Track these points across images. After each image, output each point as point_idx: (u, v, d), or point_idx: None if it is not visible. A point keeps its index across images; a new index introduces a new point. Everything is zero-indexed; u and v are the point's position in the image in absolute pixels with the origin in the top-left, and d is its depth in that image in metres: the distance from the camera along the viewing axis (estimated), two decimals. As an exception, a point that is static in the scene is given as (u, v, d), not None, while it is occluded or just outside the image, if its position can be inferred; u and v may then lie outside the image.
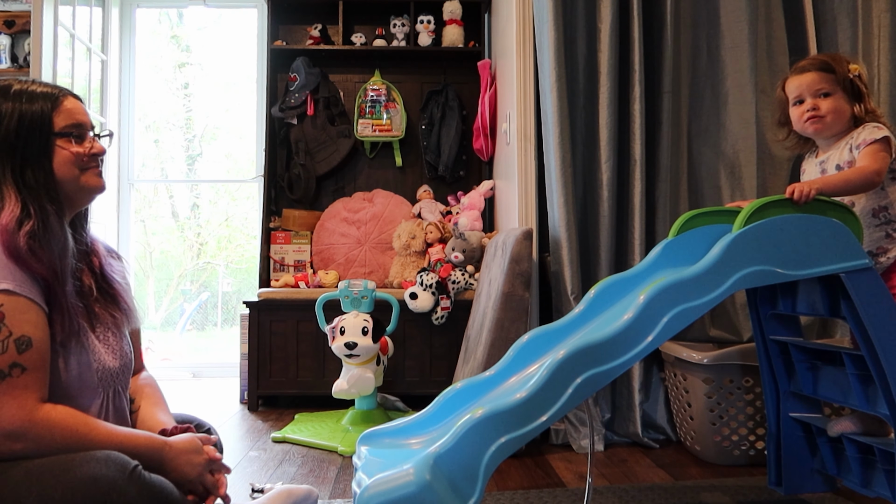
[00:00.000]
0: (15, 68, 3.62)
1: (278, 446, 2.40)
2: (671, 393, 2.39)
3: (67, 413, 1.10)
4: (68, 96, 1.24)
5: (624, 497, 1.84)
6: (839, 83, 1.63)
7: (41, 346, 1.08)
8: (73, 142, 1.21)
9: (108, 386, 1.24)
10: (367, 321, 2.54)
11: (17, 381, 1.05)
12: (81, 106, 1.25)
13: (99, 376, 1.21)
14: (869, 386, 1.45)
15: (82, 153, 1.21)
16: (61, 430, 1.07)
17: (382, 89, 3.51)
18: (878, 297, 1.41)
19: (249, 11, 4.01)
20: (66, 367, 1.14)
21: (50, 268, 1.11)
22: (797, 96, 1.68)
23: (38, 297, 1.10)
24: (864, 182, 1.52)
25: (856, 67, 1.63)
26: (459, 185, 3.54)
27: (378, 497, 1.12)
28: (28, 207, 1.13)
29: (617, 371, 1.29)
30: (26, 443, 1.04)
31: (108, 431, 1.13)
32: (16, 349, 1.05)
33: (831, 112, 1.63)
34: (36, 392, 1.07)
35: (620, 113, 2.50)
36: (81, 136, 1.23)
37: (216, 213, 6.06)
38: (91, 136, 1.25)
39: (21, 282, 1.08)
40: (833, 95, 1.63)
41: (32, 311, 1.08)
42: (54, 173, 1.18)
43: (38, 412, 1.06)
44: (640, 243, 2.45)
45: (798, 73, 1.68)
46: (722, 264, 1.36)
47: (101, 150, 1.25)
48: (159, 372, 3.91)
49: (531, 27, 2.58)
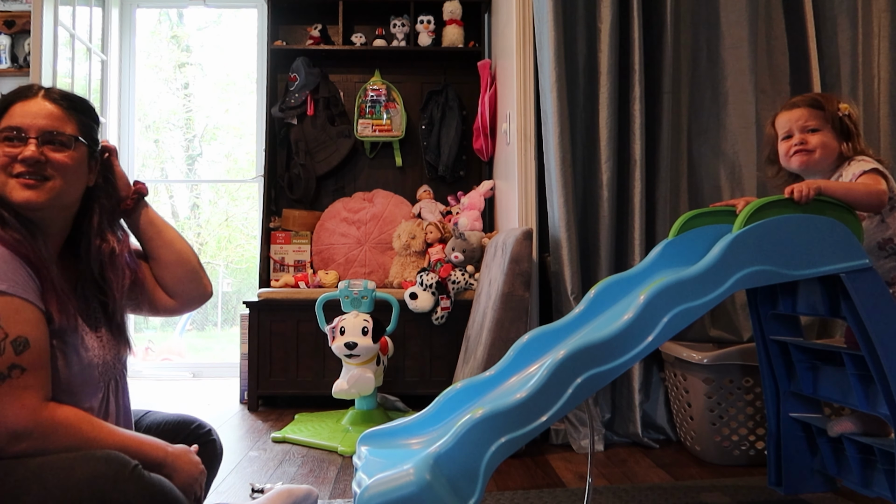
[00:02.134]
0: (15, 68, 3.62)
1: (278, 446, 2.40)
2: (671, 393, 2.39)
3: (72, 412, 1.10)
4: (32, 98, 1.16)
5: (624, 497, 1.84)
6: (828, 120, 1.63)
7: (39, 345, 1.07)
8: (6, 145, 1.13)
9: (108, 378, 1.23)
10: (367, 321, 2.54)
11: (17, 382, 1.04)
12: (46, 109, 1.15)
13: (101, 371, 1.21)
14: (869, 386, 1.45)
15: (11, 155, 1.12)
16: (66, 429, 1.07)
17: (382, 89, 3.51)
18: (878, 297, 1.41)
19: (249, 11, 4.01)
20: (66, 364, 1.14)
21: (33, 251, 1.10)
22: (786, 131, 1.69)
23: (32, 296, 1.08)
24: (867, 196, 1.50)
25: (845, 107, 1.64)
26: (459, 185, 3.54)
27: (378, 497, 1.12)
28: None
29: (617, 371, 1.29)
30: (31, 442, 1.04)
31: (111, 432, 1.13)
32: (13, 350, 1.04)
33: (819, 147, 1.63)
34: (39, 391, 1.06)
35: (620, 113, 2.50)
36: (19, 139, 1.13)
37: (216, 213, 6.06)
38: (36, 140, 1.13)
39: (13, 281, 1.06)
40: (821, 131, 1.64)
41: (28, 311, 1.07)
42: None
43: (42, 411, 1.05)
44: (640, 243, 2.46)
45: (788, 109, 1.70)
46: (722, 264, 1.36)
47: (28, 155, 1.11)
48: (159, 372, 3.91)
49: (531, 27, 2.58)
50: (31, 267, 1.09)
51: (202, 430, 1.42)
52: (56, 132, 1.15)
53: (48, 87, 1.21)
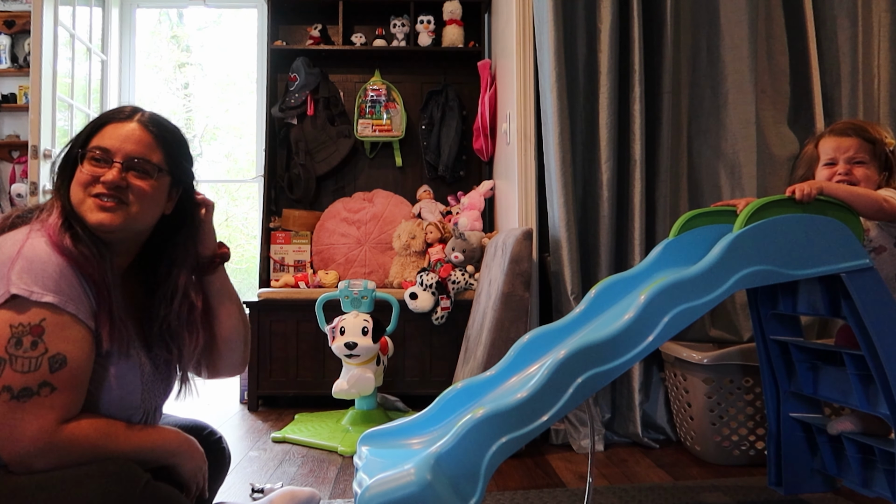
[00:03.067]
0: (15, 68, 3.62)
1: (278, 446, 2.40)
2: (671, 393, 2.39)
3: (90, 426, 1.06)
4: (127, 122, 1.17)
5: (624, 497, 1.84)
6: (876, 156, 1.61)
7: (77, 364, 1.04)
8: (92, 163, 1.13)
9: (150, 406, 1.21)
10: (367, 321, 2.54)
11: (44, 401, 1.01)
12: (136, 134, 1.15)
13: (143, 397, 1.17)
14: (869, 386, 1.45)
15: (91, 177, 1.12)
16: (82, 446, 1.04)
17: (382, 89, 3.51)
18: (878, 297, 1.41)
19: (249, 11, 4.01)
20: (107, 387, 1.11)
21: (98, 270, 1.08)
22: (831, 158, 1.65)
23: (84, 314, 1.06)
24: (870, 201, 1.49)
25: (892, 142, 1.62)
26: (459, 185, 3.54)
27: (379, 497, 1.12)
28: (67, 218, 1.11)
29: (617, 371, 1.29)
30: (47, 461, 1.02)
31: (128, 437, 1.10)
32: (48, 368, 1.01)
33: (863, 180, 1.60)
34: (61, 412, 1.03)
35: (620, 113, 2.50)
36: (105, 161, 1.13)
37: (216, 213, 6.06)
38: (120, 165, 1.13)
39: (68, 296, 1.04)
40: (867, 165, 1.62)
41: (74, 329, 1.04)
42: (69, 192, 1.14)
43: (59, 434, 1.02)
44: (640, 243, 2.46)
45: (837, 136, 1.66)
46: (723, 264, 1.36)
47: (110, 179, 1.11)
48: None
49: (531, 27, 2.58)
50: (91, 285, 1.08)
51: (213, 437, 1.43)
52: (141, 159, 1.15)
53: (145, 110, 1.21)
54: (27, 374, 1.00)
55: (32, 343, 1.01)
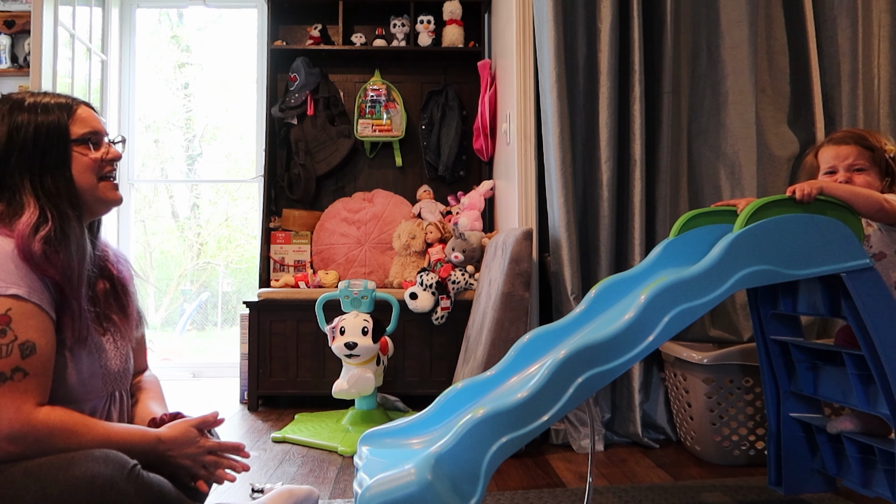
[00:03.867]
0: (15, 68, 3.62)
1: (278, 446, 2.40)
2: (671, 393, 2.39)
3: (65, 414, 1.11)
4: (81, 105, 1.27)
5: (624, 497, 1.84)
6: (876, 162, 1.61)
7: (45, 351, 1.10)
8: (90, 148, 1.24)
9: (112, 388, 1.26)
10: (367, 321, 2.54)
11: (17, 385, 1.06)
12: (95, 114, 1.28)
13: (104, 380, 1.23)
14: (869, 386, 1.45)
15: (99, 158, 1.24)
16: (59, 433, 1.08)
17: (382, 89, 3.51)
18: (878, 297, 1.41)
19: (249, 11, 4.01)
20: (73, 371, 1.16)
21: (64, 273, 1.13)
22: (831, 166, 1.65)
23: (46, 304, 1.11)
24: (871, 201, 1.49)
25: (892, 149, 1.62)
26: (459, 185, 3.54)
27: (379, 497, 1.12)
28: (46, 213, 1.15)
29: (618, 371, 1.29)
30: (25, 446, 1.05)
31: (106, 430, 1.14)
32: (20, 354, 1.06)
33: (864, 188, 1.59)
34: (35, 397, 1.08)
35: (620, 113, 2.50)
36: (98, 143, 1.26)
37: (216, 213, 6.06)
38: (106, 142, 1.28)
39: (31, 288, 1.09)
40: (867, 171, 1.61)
41: (39, 318, 1.10)
42: (74, 180, 1.21)
43: (35, 416, 1.07)
44: (640, 243, 2.46)
45: (836, 144, 1.66)
46: (723, 264, 1.36)
47: (117, 154, 1.28)
48: (159, 372, 3.91)
49: (531, 27, 2.58)
50: (53, 284, 1.13)
51: None
52: (107, 134, 1.30)
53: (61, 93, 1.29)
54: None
55: (1, 331, 1.06)
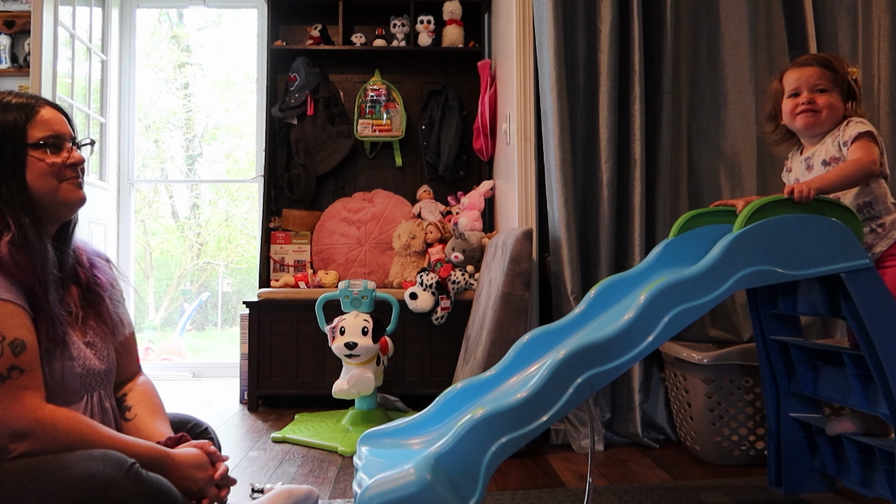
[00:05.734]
0: (15, 68, 3.62)
1: (278, 446, 2.40)
2: (671, 393, 2.39)
3: (71, 415, 1.11)
4: (45, 106, 1.21)
5: (624, 497, 1.84)
6: (838, 82, 1.63)
7: (34, 348, 1.10)
8: (48, 152, 1.17)
9: (93, 389, 1.23)
10: (367, 321, 2.54)
11: (17, 383, 1.06)
12: (60, 116, 1.22)
13: (82, 380, 1.20)
14: (869, 386, 1.45)
15: (58, 163, 1.18)
16: (65, 431, 1.08)
17: (382, 89, 3.51)
18: (878, 297, 1.41)
19: (249, 11, 4.01)
20: (49, 371, 1.14)
21: (33, 276, 1.12)
22: (794, 88, 1.67)
23: (24, 303, 1.11)
24: (862, 173, 1.51)
25: (854, 71, 1.64)
26: (459, 185, 3.54)
27: (379, 497, 1.12)
28: (6, 219, 1.12)
29: (617, 371, 1.29)
30: (32, 442, 1.05)
31: (111, 436, 1.14)
32: (11, 352, 1.06)
33: (826, 108, 1.63)
34: (38, 392, 1.08)
35: (620, 113, 2.50)
36: (58, 147, 1.19)
37: (216, 214, 6.07)
38: (69, 145, 1.21)
39: (7, 288, 1.09)
40: (830, 92, 1.63)
41: (21, 316, 1.10)
42: (28, 185, 1.16)
43: (42, 411, 1.07)
44: (640, 243, 2.46)
45: (799, 67, 1.68)
46: (722, 264, 1.36)
47: (78, 159, 1.21)
48: (159, 372, 3.91)
49: (531, 27, 2.58)
50: (24, 288, 1.12)
51: (199, 430, 1.42)
52: (73, 137, 1.25)
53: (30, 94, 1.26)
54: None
55: None
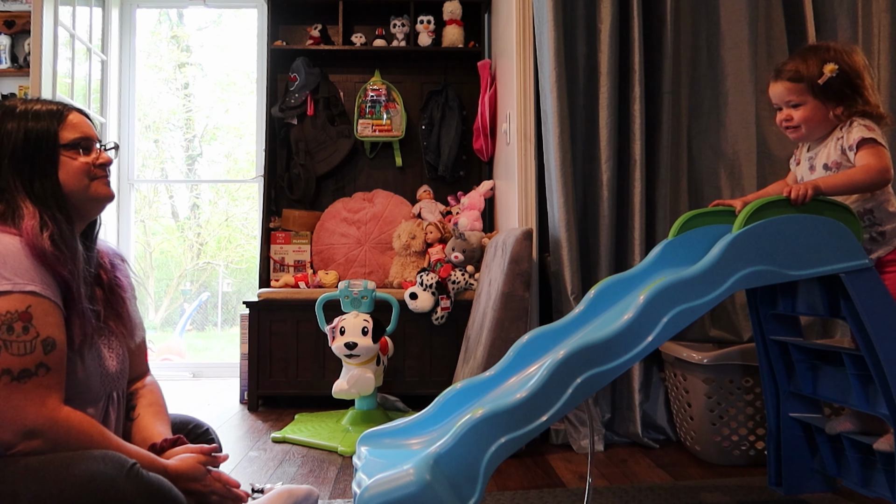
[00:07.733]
0: (15, 68, 3.62)
1: (278, 446, 2.40)
2: (671, 393, 2.39)
3: (84, 418, 1.13)
4: (73, 111, 1.27)
5: (624, 497, 1.84)
6: (809, 91, 1.58)
7: (62, 348, 1.12)
8: (80, 153, 1.24)
9: (110, 389, 1.26)
10: (367, 321, 2.54)
11: (41, 381, 1.08)
12: (86, 120, 1.29)
13: (102, 381, 1.23)
14: (869, 386, 1.45)
15: (89, 162, 1.25)
16: (77, 434, 1.10)
17: (382, 89, 3.51)
18: (878, 297, 1.41)
19: (249, 11, 4.01)
20: (75, 370, 1.17)
21: (73, 270, 1.15)
22: (775, 104, 1.68)
23: (59, 301, 1.13)
24: (871, 180, 1.48)
25: (830, 67, 1.55)
26: (459, 185, 3.54)
27: (378, 497, 1.12)
28: (43, 216, 1.16)
29: (617, 371, 1.29)
30: (42, 442, 1.06)
31: (119, 445, 1.15)
32: (42, 350, 1.08)
33: (803, 122, 1.60)
34: (58, 392, 1.10)
35: (620, 113, 2.50)
36: (88, 148, 1.26)
37: (216, 214, 6.07)
38: (98, 147, 1.29)
39: (46, 284, 1.11)
40: (804, 105, 1.59)
41: (56, 314, 1.12)
42: (61, 184, 1.21)
43: (59, 412, 1.09)
44: (640, 243, 2.45)
45: (772, 81, 1.66)
46: (722, 264, 1.36)
47: (108, 159, 1.29)
48: (159, 372, 3.91)
49: (531, 27, 2.58)
50: (61, 281, 1.15)
51: (199, 430, 1.43)
52: (99, 140, 1.32)
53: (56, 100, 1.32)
54: (24, 356, 1.07)
55: (24, 328, 1.07)
